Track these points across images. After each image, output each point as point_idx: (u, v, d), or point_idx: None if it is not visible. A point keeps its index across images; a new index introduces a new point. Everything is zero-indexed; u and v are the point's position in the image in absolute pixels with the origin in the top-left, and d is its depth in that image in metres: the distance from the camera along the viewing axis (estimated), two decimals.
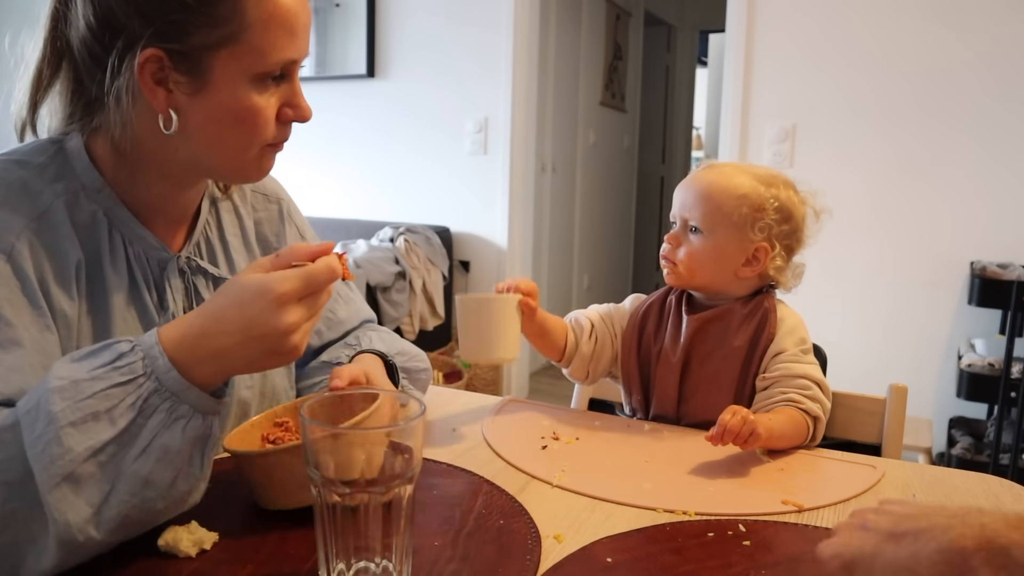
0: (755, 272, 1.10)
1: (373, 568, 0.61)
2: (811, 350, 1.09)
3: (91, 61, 0.78)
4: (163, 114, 0.77)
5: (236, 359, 0.66)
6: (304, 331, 0.67)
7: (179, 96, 0.77)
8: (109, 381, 0.63)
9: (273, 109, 0.81)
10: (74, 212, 0.80)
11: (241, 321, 0.65)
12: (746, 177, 1.10)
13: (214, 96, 0.77)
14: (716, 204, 1.09)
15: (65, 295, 0.78)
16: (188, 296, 0.90)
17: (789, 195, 1.11)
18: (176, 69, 0.76)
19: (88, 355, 0.65)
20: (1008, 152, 2.54)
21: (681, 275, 1.12)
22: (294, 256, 0.67)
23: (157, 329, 0.67)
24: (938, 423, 2.67)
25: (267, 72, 0.78)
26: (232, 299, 0.65)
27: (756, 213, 1.08)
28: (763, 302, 1.11)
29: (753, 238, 1.08)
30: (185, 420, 0.65)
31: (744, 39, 2.84)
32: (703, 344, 1.11)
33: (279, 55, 0.78)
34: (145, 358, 0.65)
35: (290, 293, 0.65)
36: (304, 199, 3.81)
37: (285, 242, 1.04)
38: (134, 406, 0.63)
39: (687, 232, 1.12)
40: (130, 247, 0.84)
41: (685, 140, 6.10)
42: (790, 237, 1.11)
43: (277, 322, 0.64)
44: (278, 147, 0.85)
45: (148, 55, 0.75)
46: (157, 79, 0.76)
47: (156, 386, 0.64)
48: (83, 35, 0.77)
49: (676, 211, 1.14)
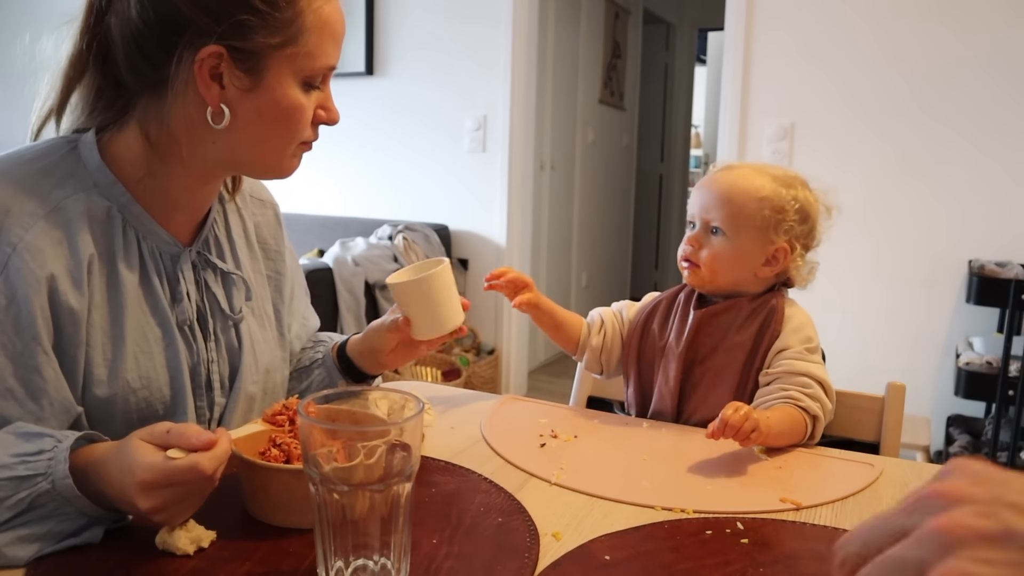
0: (774, 272, 1.12)
1: (371, 566, 0.61)
2: (817, 350, 1.09)
3: (138, 54, 0.80)
4: (214, 108, 0.80)
5: (118, 506, 0.68)
6: (172, 512, 0.67)
7: (232, 92, 0.81)
8: (11, 472, 0.67)
9: (312, 110, 0.85)
10: (88, 208, 0.82)
11: (115, 488, 0.67)
12: (766, 179, 1.11)
13: (266, 94, 0.81)
14: (738, 207, 1.09)
15: (74, 291, 0.79)
16: (199, 289, 0.92)
17: (806, 195, 1.12)
18: (235, 66, 0.79)
19: (23, 436, 0.70)
20: (1006, 151, 2.55)
21: (703, 276, 1.12)
22: (183, 440, 0.67)
23: (79, 441, 0.70)
24: (936, 421, 2.67)
25: (315, 74, 0.84)
26: (116, 462, 0.67)
27: (778, 215, 1.09)
28: (771, 299, 1.11)
29: (775, 240, 1.10)
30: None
31: (743, 37, 2.84)
32: (708, 338, 1.11)
33: (326, 60, 0.84)
34: (52, 460, 0.67)
35: (150, 483, 0.65)
36: (303, 197, 3.82)
37: (283, 245, 1.07)
38: (23, 501, 0.66)
39: (708, 234, 1.12)
40: (144, 242, 0.86)
41: (684, 138, 6.10)
42: (807, 236, 1.13)
43: (137, 502, 0.65)
44: (308, 147, 0.89)
45: (210, 51, 0.78)
46: (213, 74, 0.79)
47: (49, 488, 0.67)
48: (135, 30, 0.79)
49: (696, 212, 1.14)
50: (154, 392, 0.86)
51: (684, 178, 6.18)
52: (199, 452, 0.67)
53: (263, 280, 1.03)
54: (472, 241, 3.52)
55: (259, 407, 0.98)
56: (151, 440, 0.68)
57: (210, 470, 0.66)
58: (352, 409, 0.69)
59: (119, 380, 0.83)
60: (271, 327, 1.03)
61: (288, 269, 1.08)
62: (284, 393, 1.05)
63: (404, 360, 1.05)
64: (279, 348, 1.04)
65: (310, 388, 1.08)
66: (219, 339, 0.94)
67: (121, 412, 0.84)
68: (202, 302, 0.92)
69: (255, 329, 0.99)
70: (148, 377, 0.86)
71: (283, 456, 0.78)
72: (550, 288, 4.24)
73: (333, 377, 1.07)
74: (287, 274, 1.07)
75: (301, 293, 1.14)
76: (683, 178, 6.16)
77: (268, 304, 1.03)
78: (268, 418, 0.82)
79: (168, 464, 0.66)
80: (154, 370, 0.86)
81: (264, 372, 0.99)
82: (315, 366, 1.09)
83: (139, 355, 0.85)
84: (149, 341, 0.86)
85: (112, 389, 0.83)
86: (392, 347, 1.02)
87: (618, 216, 5.26)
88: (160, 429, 0.68)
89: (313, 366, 1.09)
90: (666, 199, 6.04)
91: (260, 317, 1.00)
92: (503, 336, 3.53)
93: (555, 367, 4.25)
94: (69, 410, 0.80)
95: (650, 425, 1.10)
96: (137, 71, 0.81)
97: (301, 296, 1.14)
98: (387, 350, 1.03)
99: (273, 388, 1.02)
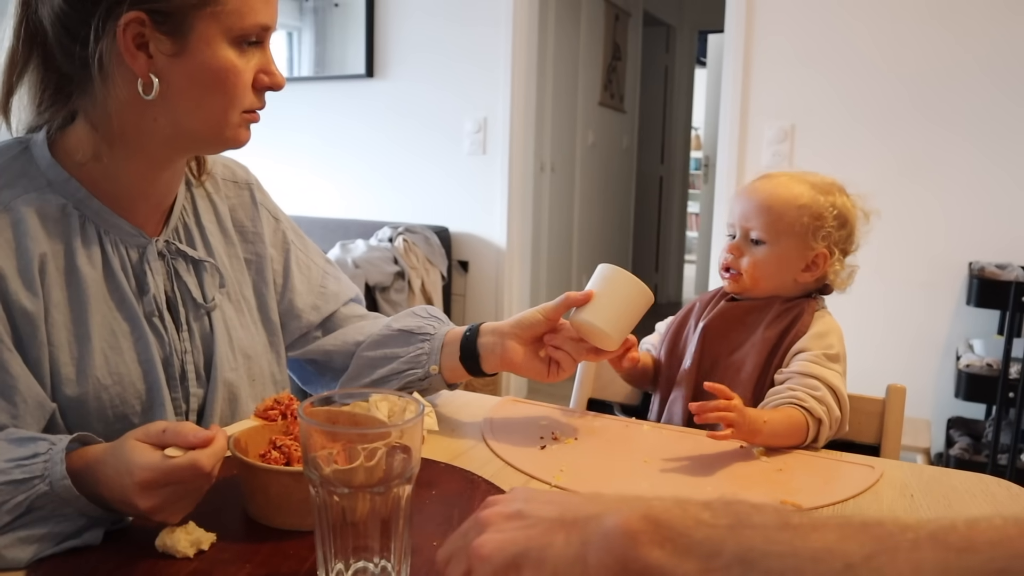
0: (814, 277, 1.14)
1: (372, 568, 0.61)
2: (839, 359, 1.08)
3: (66, 35, 0.78)
4: (143, 79, 0.78)
5: (116, 507, 0.68)
6: (171, 509, 0.67)
7: (160, 59, 0.79)
8: (7, 477, 0.66)
9: (250, 73, 0.83)
10: (40, 207, 0.81)
11: (112, 489, 0.67)
12: (804, 186, 1.13)
13: (195, 57, 0.79)
14: (778, 214, 1.12)
15: (26, 291, 0.79)
16: (170, 278, 0.91)
17: (844, 201, 1.15)
18: (158, 30, 0.77)
19: (16, 441, 0.69)
20: (1006, 154, 2.55)
21: (745, 284, 1.15)
22: (179, 439, 0.67)
23: (72, 443, 0.70)
24: (936, 423, 2.67)
25: (245, 34, 0.81)
26: (112, 464, 0.67)
27: (816, 222, 1.11)
28: (803, 303, 1.13)
29: (815, 246, 1.12)
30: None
31: (743, 40, 2.84)
32: (737, 326, 1.14)
33: (255, 18, 0.81)
34: (48, 462, 0.67)
35: (149, 482, 0.65)
36: (303, 199, 3.82)
37: (260, 227, 1.04)
38: (21, 504, 0.66)
39: (748, 243, 1.14)
40: (105, 237, 0.85)
41: (684, 140, 6.10)
42: (846, 241, 1.15)
43: (137, 502, 0.65)
44: (255, 117, 0.87)
45: (131, 17, 0.76)
46: (138, 43, 0.78)
47: (47, 490, 0.66)
48: (58, 8, 0.77)
49: (736, 221, 1.16)
50: (127, 387, 0.85)
51: (684, 180, 6.19)
52: (197, 449, 0.67)
53: (240, 265, 1.01)
54: (472, 243, 3.52)
55: (245, 396, 0.97)
56: (147, 440, 0.67)
57: (209, 467, 0.66)
58: (352, 411, 0.69)
59: (88, 378, 0.82)
60: (250, 312, 1.01)
61: (289, 243, 1.06)
62: (274, 380, 1.03)
63: (522, 359, 1.01)
64: (262, 333, 1.02)
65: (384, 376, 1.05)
66: (191, 328, 0.92)
67: (95, 410, 0.83)
68: (172, 292, 0.91)
69: (231, 315, 0.97)
70: (119, 373, 0.85)
71: (283, 458, 0.78)
72: (550, 290, 4.24)
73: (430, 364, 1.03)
74: (279, 252, 1.05)
75: (312, 263, 1.10)
76: (683, 180, 6.17)
77: (247, 289, 1.01)
78: (260, 413, 0.81)
79: (167, 463, 0.65)
80: (124, 365, 0.85)
81: (244, 358, 0.97)
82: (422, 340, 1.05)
83: (107, 351, 0.84)
84: (117, 336, 0.85)
85: (82, 387, 0.82)
86: (535, 333, 1.00)
87: (618, 218, 5.26)
88: (155, 429, 0.68)
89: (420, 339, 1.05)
90: (666, 201, 6.05)
91: (237, 302, 0.99)
92: None
93: None
94: (43, 405, 0.79)
95: (650, 427, 1.10)
96: (67, 53, 0.79)
97: (311, 266, 1.10)
98: (530, 333, 1.00)
99: (260, 375, 1.00)
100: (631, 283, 0.96)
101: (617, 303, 0.95)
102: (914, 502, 0.88)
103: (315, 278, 1.10)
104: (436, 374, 1.04)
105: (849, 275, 1.16)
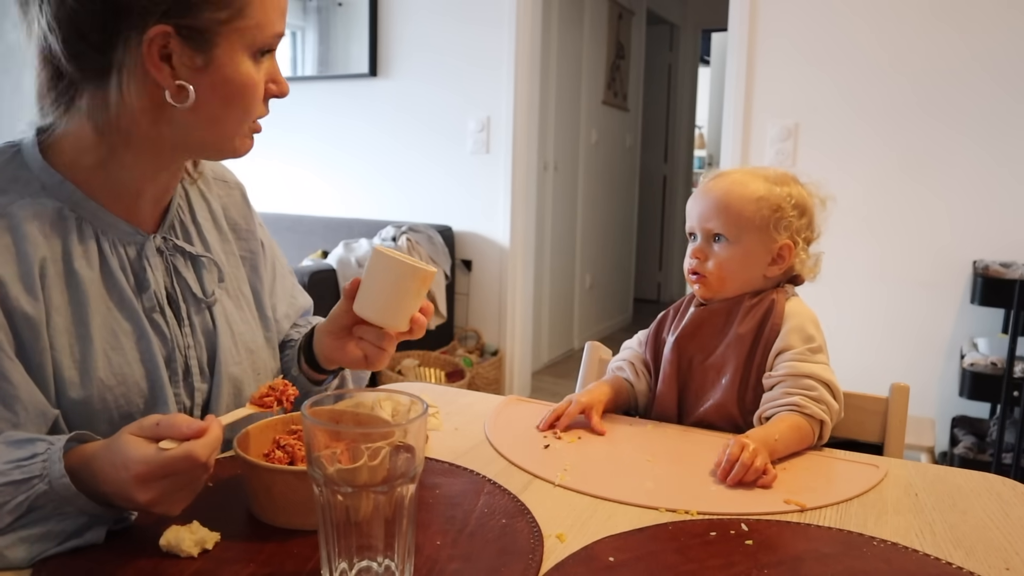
0: (782, 269, 1.13)
1: (375, 567, 0.61)
2: (821, 349, 1.09)
3: (79, 42, 0.77)
4: (170, 89, 0.78)
5: (115, 502, 0.68)
6: (171, 501, 0.68)
7: (183, 72, 0.79)
8: (7, 478, 0.67)
9: (264, 84, 0.84)
10: (36, 211, 0.80)
11: (110, 485, 0.67)
12: (758, 180, 1.13)
13: (219, 71, 0.80)
14: (737, 211, 1.11)
15: (27, 296, 0.78)
16: (169, 274, 0.91)
17: (799, 190, 1.15)
18: (184, 44, 0.78)
19: (15, 444, 0.70)
20: (1010, 152, 2.54)
21: (712, 285, 1.13)
22: (173, 431, 0.67)
23: (70, 442, 0.70)
24: (941, 422, 2.66)
25: (265, 45, 0.82)
26: (108, 459, 0.67)
27: (776, 213, 1.11)
28: (771, 294, 1.12)
29: (777, 238, 1.11)
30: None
31: (747, 38, 2.84)
32: (708, 335, 1.13)
33: (273, 28, 0.82)
34: (46, 461, 0.68)
35: (145, 475, 0.65)
36: (306, 198, 3.83)
37: (254, 224, 1.05)
38: (21, 505, 0.67)
39: (711, 243, 1.13)
40: (103, 237, 0.85)
41: (687, 139, 6.10)
42: (807, 229, 1.15)
43: (135, 495, 0.66)
44: (258, 127, 0.88)
45: (158, 31, 0.76)
46: (162, 56, 0.78)
47: (47, 489, 0.67)
48: (71, 15, 0.77)
49: (695, 223, 1.15)
50: (131, 387, 0.85)
51: (688, 179, 6.18)
52: (191, 440, 0.67)
53: (236, 261, 1.01)
54: (475, 242, 3.52)
55: (250, 390, 0.96)
56: (141, 434, 0.68)
57: (204, 457, 0.67)
58: (356, 411, 0.69)
59: (92, 380, 0.82)
60: (249, 307, 1.01)
61: (266, 248, 1.07)
62: (275, 375, 1.02)
63: (340, 353, 0.96)
64: (260, 328, 1.02)
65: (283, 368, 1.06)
66: (193, 323, 0.92)
67: (100, 411, 0.83)
68: (172, 287, 0.91)
69: (231, 310, 0.97)
70: (122, 373, 0.84)
71: (287, 458, 0.78)
72: (553, 290, 4.24)
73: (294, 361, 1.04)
74: (263, 253, 1.06)
75: (285, 272, 1.12)
76: (687, 179, 6.16)
77: (244, 285, 1.02)
78: (256, 401, 0.81)
79: (162, 455, 0.66)
80: (128, 365, 0.85)
81: (247, 352, 0.97)
82: (289, 346, 1.06)
83: (110, 352, 0.84)
84: (118, 336, 0.85)
85: (87, 390, 0.82)
86: (342, 324, 0.95)
87: (622, 217, 5.26)
88: (149, 422, 0.68)
89: (287, 345, 1.07)
90: (670, 200, 6.04)
91: (236, 298, 0.99)
92: (507, 337, 3.53)
93: (559, 368, 4.25)
94: (45, 413, 0.78)
95: (654, 426, 1.10)
96: (79, 59, 0.78)
97: (285, 275, 1.12)
98: (337, 326, 0.95)
99: (264, 369, 1.00)
100: (391, 264, 0.89)
101: (381, 287, 0.90)
102: (919, 501, 0.88)
103: (288, 287, 1.12)
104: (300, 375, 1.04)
105: (815, 263, 1.16)
